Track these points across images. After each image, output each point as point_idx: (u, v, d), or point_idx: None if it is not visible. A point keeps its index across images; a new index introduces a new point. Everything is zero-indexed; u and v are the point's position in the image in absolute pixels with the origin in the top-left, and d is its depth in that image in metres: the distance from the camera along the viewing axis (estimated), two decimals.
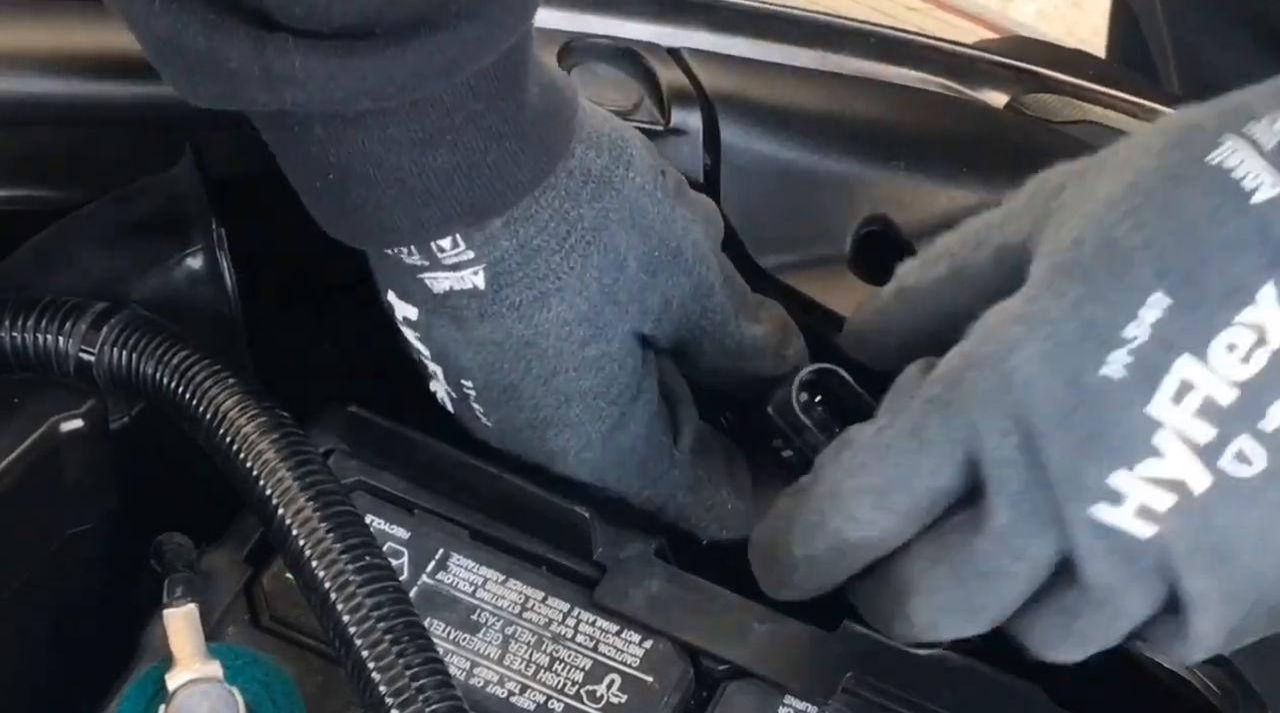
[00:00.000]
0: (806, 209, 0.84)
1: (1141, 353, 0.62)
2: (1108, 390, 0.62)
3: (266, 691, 0.72)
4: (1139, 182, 0.64)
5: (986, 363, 0.64)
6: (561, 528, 0.76)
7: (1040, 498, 0.63)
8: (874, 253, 0.85)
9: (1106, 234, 0.63)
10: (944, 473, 0.65)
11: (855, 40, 0.90)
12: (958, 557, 0.65)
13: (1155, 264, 0.62)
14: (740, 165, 0.83)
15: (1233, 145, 0.63)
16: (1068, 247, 0.64)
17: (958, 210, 0.85)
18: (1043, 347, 0.63)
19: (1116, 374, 0.62)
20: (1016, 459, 0.63)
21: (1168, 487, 0.63)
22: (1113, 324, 0.62)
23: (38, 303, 0.76)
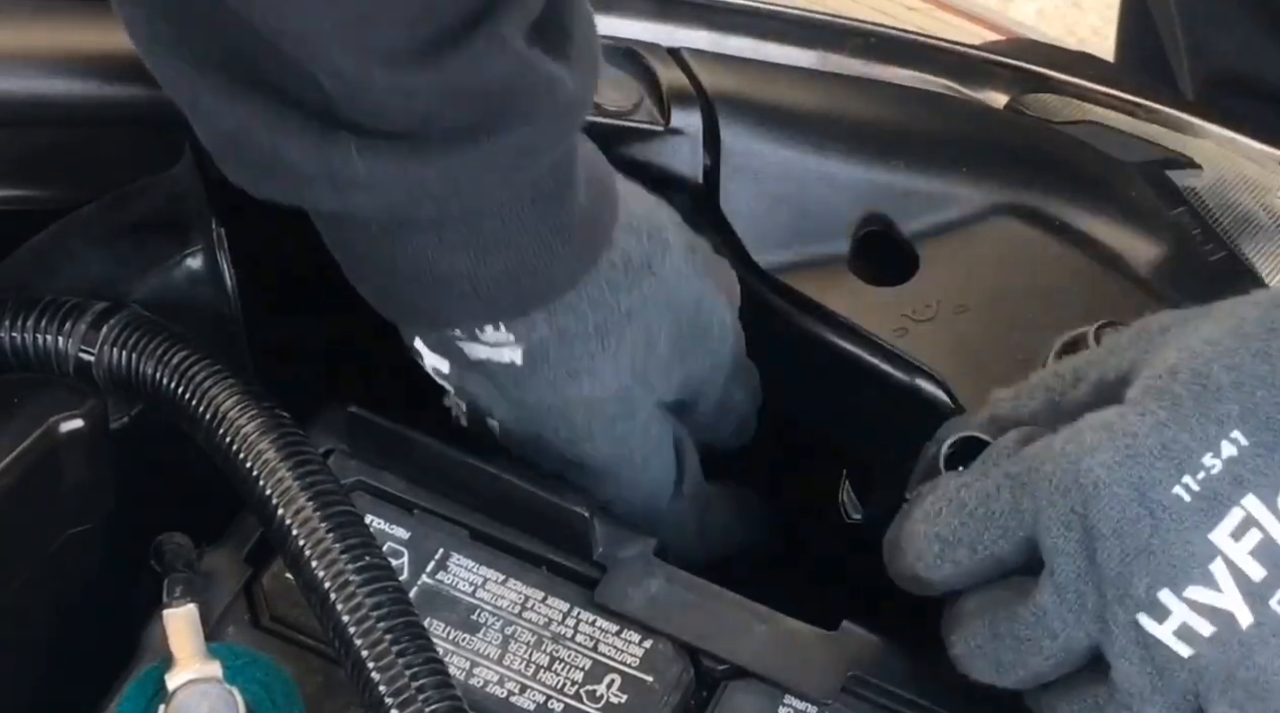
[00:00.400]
0: (806, 209, 0.84)
1: (1212, 483, 0.65)
2: (1174, 510, 0.65)
3: (266, 691, 0.72)
4: (1239, 327, 0.67)
5: (1063, 458, 0.67)
6: (561, 528, 0.76)
7: (1088, 593, 0.66)
8: (874, 253, 0.85)
9: (1201, 367, 0.66)
10: (1005, 544, 0.68)
11: (855, 40, 0.90)
12: (999, 614, 0.68)
13: (1242, 403, 0.65)
14: (740, 165, 0.83)
15: None
16: (1162, 373, 0.67)
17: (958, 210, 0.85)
18: (1119, 455, 0.66)
19: (1185, 497, 0.65)
20: (1073, 551, 0.66)
21: (1211, 615, 0.65)
22: (1191, 450, 0.65)
23: (38, 303, 0.76)
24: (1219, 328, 0.68)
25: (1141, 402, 0.67)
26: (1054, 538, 0.66)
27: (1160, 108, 0.97)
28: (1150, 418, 0.66)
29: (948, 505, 0.69)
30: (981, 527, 0.68)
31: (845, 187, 0.85)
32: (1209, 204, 0.88)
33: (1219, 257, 0.85)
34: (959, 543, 0.69)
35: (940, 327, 0.82)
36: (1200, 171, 0.91)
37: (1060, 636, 0.67)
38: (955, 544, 0.69)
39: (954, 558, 0.69)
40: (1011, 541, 0.68)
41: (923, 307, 0.82)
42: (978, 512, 0.68)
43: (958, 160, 0.87)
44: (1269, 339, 0.67)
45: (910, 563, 0.70)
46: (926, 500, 0.70)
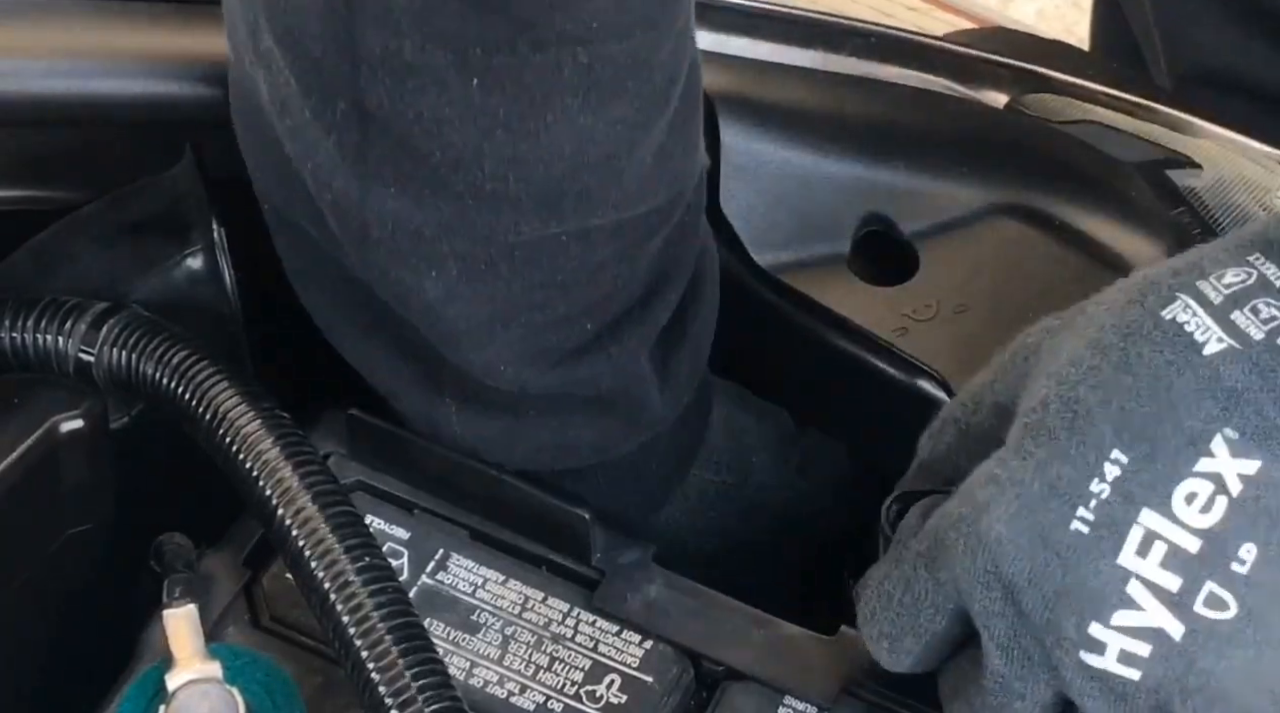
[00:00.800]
0: (806, 209, 0.84)
1: (1105, 508, 0.64)
2: (1077, 546, 0.64)
3: (266, 691, 0.72)
4: (1099, 338, 0.66)
5: (963, 523, 0.66)
6: (561, 532, 0.76)
7: (1029, 645, 0.66)
8: (874, 253, 0.85)
9: (1068, 393, 0.65)
10: (942, 621, 0.68)
11: (855, 40, 0.90)
12: (970, 690, 0.68)
13: (1114, 421, 0.64)
14: (740, 165, 0.83)
15: (1184, 300, 0.66)
16: (1035, 407, 0.66)
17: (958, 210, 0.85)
18: (1012, 507, 0.65)
19: (1084, 529, 0.64)
20: (1001, 610, 0.66)
21: (1144, 636, 0.64)
22: (1076, 482, 0.64)
23: (38, 303, 0.76)
24: (1080, 343, 0.67)
25: (1020, 445, 0.66)
26: (979, 601, 0.66)
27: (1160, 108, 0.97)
28: (1031, 460, 0.65)
29: (879, 602, 0.69)
30: (914, 612, 0.68)
31: (845, 187, 0.85)
32: (1209, 204, 0.88)
33: None
34: (903, 634, 0.69)
35: (940, 327, 0.82)
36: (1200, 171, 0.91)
37: (1027, 695, 0.66)
38: (900, 637, 0.69)
39: (905, 649, 0.69)
40: (946, 615, 0.68)
41: (923, 307, 0.82)
42: (905, 600, 0.68)
43: (958, 160, 0.87)
44: (1127, 346, 0.66)
45: (877, 658, 0.70)
46: (862, 600, 0.70)
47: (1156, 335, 0.65)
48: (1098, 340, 0.66)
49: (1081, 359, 0.66)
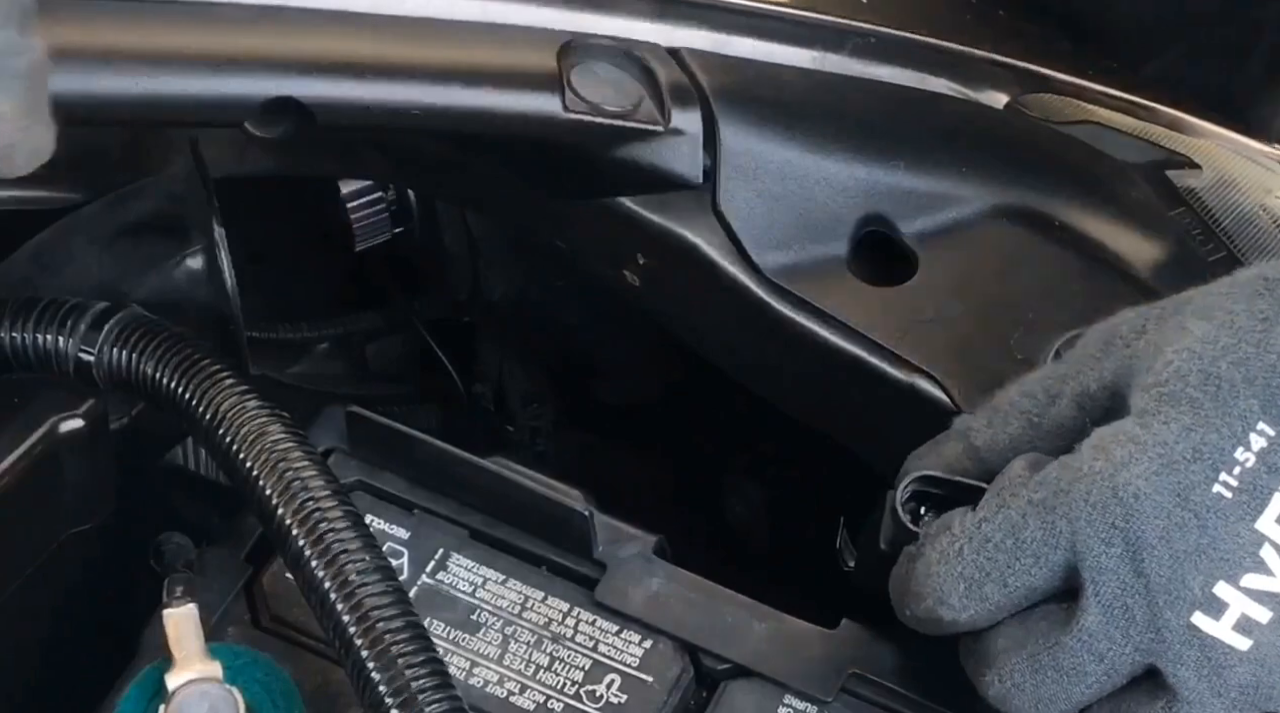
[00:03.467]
0: (806, 209, 0.84)
1: (1249, 476, 0.67)
2: (1217, 507, 0.66)
3: (266, 691, 0.72)
4: (1232, 321, 0.69)
5: (1097, 476, 0.67)
6: (561, 527, 0.76)
7: (1135, 606, 0.67)
8: (874, 253, 0.85)
9: (1208, 367, 0.68)
10: (1039, 573, 0.68)
11: (855, 40, 0.90)
12: (1040, 647, 0.68)
13: (1259, 396, 0.67)
14: (740, 165, 0.83)
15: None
16: (1170, 379, 0.68)
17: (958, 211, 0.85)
18: (1154, 465, 0.67)
19: (1226, 494, 0.67)
20: (1117, 568, 0.67)
21: (1268, 600, 0.66)
22: (1221, 448, 0.67)
23: (38, 303, 0.77)
24: (1210, 325, 0.69)
25: (1159, 410, 0.67)
26: (1096, 556, 0.67)
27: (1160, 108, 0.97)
28: (1175, 424, 0.67)
29: (969, 543, 0.69)
30: (1011, 558, 0.68)
31: (845, 187, 0.84)
32: (1209, 204, 0.88)
33: (1219, 257, 0.85)
34: (987, 579, 0.68)
35: (940, 327, 0.82)
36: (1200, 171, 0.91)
37: (1107, 658, 0.67)
38: (983, 581, 0.69)
39: (982, 595, 0.69)
40: (1046, 567, 0.68)
41: (923, 307, 0.82)
42: (1005, 544, 0.68)
43: (957, 161, 0.87)
44: (1265, 330, 0.68)
45: (930, 607, 0.70)
46: (940, 541, 0.70)
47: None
48: (1231, 322, 0.68)
49: (1215, 338, 0.68)
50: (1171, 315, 0.70)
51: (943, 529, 0.70)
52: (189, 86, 0.72)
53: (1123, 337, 0.71)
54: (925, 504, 0.73)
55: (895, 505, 0.72)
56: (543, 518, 0.76)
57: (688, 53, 0.85)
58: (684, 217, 0.82)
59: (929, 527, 0.71)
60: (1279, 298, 0.69)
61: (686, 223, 0.82)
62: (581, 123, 0.79)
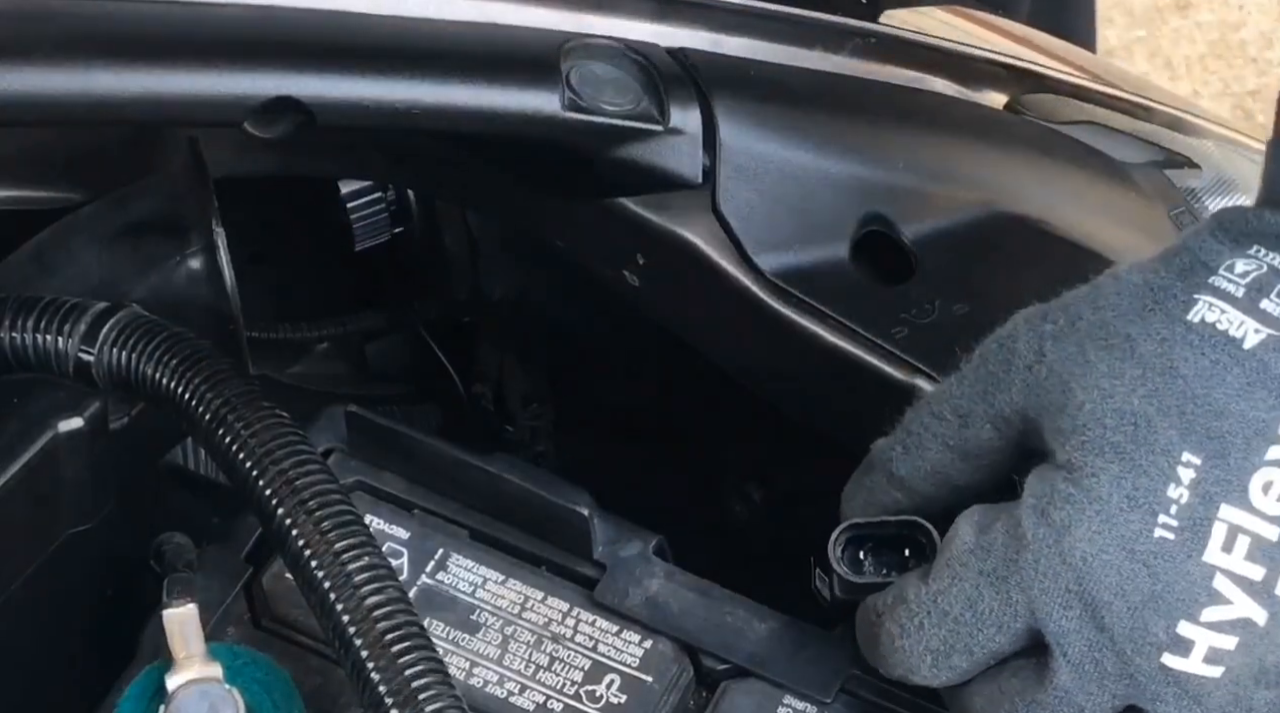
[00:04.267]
0: (806, 209, 0.84)
1: (1186, 511, 0.66)
2: (1162, 552, 0.66)
3: (266, 691, 0.72)
4: (1133, 350, 0.68)
5: (1040, 544, 0.67)
6: (561, 527, 0.76)
7: (1104, 659, 0.67)
8: (874, 253, 0.85)
9: (1121, 406, 0.67)
10: (1002, 639, 0.68)
11: (855, 40, 0.90)
12: (1017, 703, 0.69)
13: (1177, 426, 0.66)
14: (740, 165, 0.83)
15: (1207, 300, 0.67)
16: (1087, 424, 0.67)
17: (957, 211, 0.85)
18: (1094, 523, 0.66)
19: (1169, 535, 0.66)
20: (1079, 628, 0.67)
21: (1232, 629, 0.66)
22: (1154, 490, 0.66)
23: (38, 303, 0.76)
24: (1111, 356, 0.68)
25: (1085, 461, 0.67)
26: (1056, 621, 0.67)
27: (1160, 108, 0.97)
28: (1104, 475, 0.67)
29: (928, 618, 0.69)
30: (973, 629, 0.68)
31: (845, 187, 0.84)
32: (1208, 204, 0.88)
33: None
34: (953, 651, 0.69)
35: (940, 327, 0.82)
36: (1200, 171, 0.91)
37: (1088, 708, 0.67)
38: (949, 653, 0.69)
39: (950, 665, 0.69)
40: (1009, 634, 0.68)
41: (922, 307, 0.82)
42: (964, 617, 0.68)
43: (957, 161, 0.87)
44: (1167, 353, 0.67)
45: (902, 674, 0.70)
46: (898, 614, 0.70)
47: (1193, 339, 0.67)
48: (1131, 351, 0.68)
49: (1122, 371, 0.67)
50: (1067, 334, 0.69)
51: (899, 600, 0.70)
52: (189, 86, 0.72)
53: (1021, 357, 0.70)
54: (863, 548, 0.73)
55: (833, 563, 0.73)
56: (543, 518, 0.76)
57: (688, 53, 0.85)
58: (684, 217, 0.82)
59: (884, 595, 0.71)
60: (1169, 312, 0.68)
61: (686, 223, 0.82)
62: (581, 123, 0.79)
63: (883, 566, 0.73)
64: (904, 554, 0.73)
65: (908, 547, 0.73)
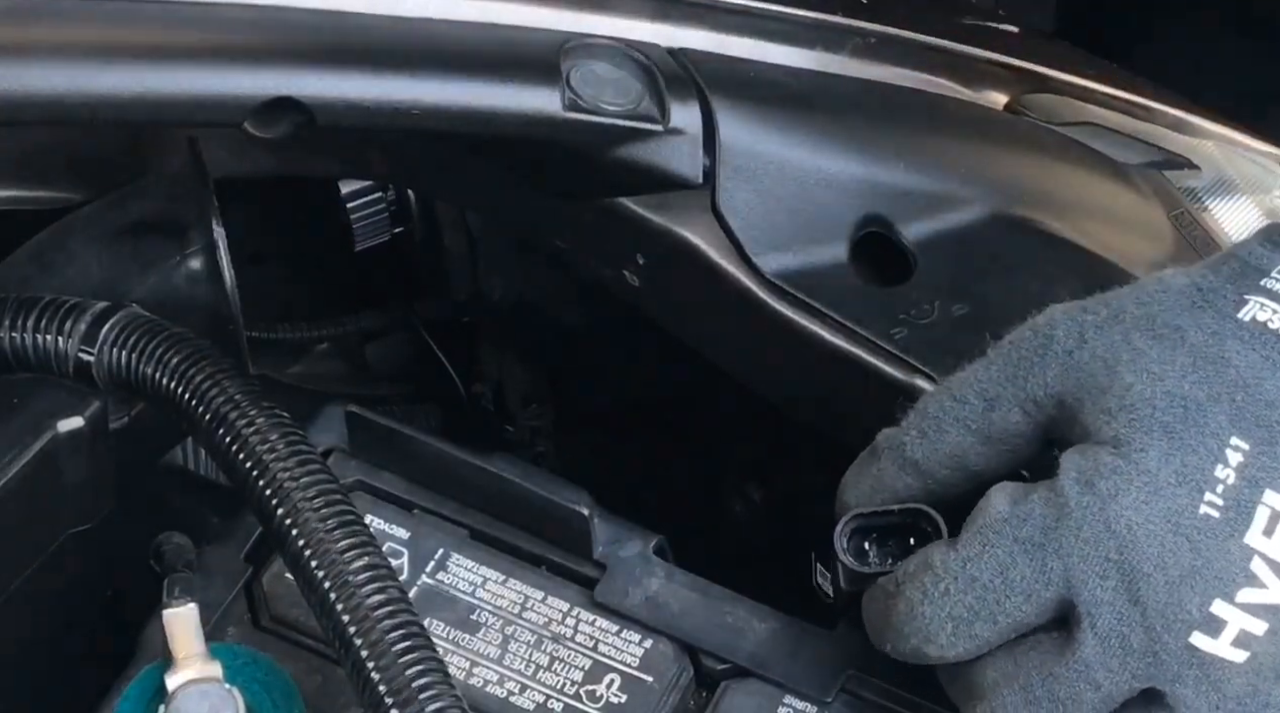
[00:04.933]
0: (806, 209, 0.84)
1: (1232, 492, 0.67)
2: (1206, 527, 0.67)
3: (266, 691, 0.72)
4: (1183, 339, 0.69)
5: (1087, 511, 0.67)
6: (561, 527, 0.76)
7: (1132, 634, 0.67)
8: (873, 254, 0.85)
9: (1173, 390, 0.68)
10: (1029, 609, 0.68)
11: (855, 40, 0.90)
12: (1033, 679, 0.69)
13: (1227, 413, 0.68)
14: (739, 165, 0.83)
15: (1258, 301, 0.70)
16: (1137, 404, 0.68)
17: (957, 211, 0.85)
18: (1142, 494, 0.67)
19: (1213, 514, 0.67)
20: (1113, 599, 0.67)
21: (1263, 613, 0.67)
22: (1202, 469, 0.67)
23: (38, 303, 0.76)
24: (1162, 345, 0.69)
25: (1134, 437, 0.68)
26: (1091, 590, 0.67)
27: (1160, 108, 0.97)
28: (1154, 450, 0.67)
29: (954, 583, 0.69)
30: (1001, 597, 0.68)
31: (845, 187, 0.84)
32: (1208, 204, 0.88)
33: None
34: (977, 618, 0.69)
35: (939, 327, 0.82)
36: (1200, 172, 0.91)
37: (1104, 686, 0.67)
38: (972, 620, 0.69)
39: (971, 634, 0.69)
40: (1037, 604, 0.68)
41: (922, 307, 0.82)
42: (994, 583, 0.68)
43: (957, 162, 0.87)
44: (1217, 345, 0.69)
45: (916, 645, 0.70)
46: (921, 580, 0.70)
47: (1244, 335, 0.69)
48: (1182, 340, 0.69)
49: (1172, 358, 0.69)
50: (1111, 324, 0.70)
51: (923, 568, 0.70)
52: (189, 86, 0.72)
53: (1060, 342, 0.71)
54: (867, 538, 0.73)
55: (839, 553, 0.72)
56: (543, 518, 0.76)
57: (688, 53, 0.85)
58: (684, 217, 0.82)
59: (906, 564, 0.71)
60: (1220, 310, 0.70)
61: (686, 223, 0.82)
62: (581, 123, 0.79)
63: (887, 555, 0.73)
64: (909, 543, 0.73)
65: (913, 536, 0.73)
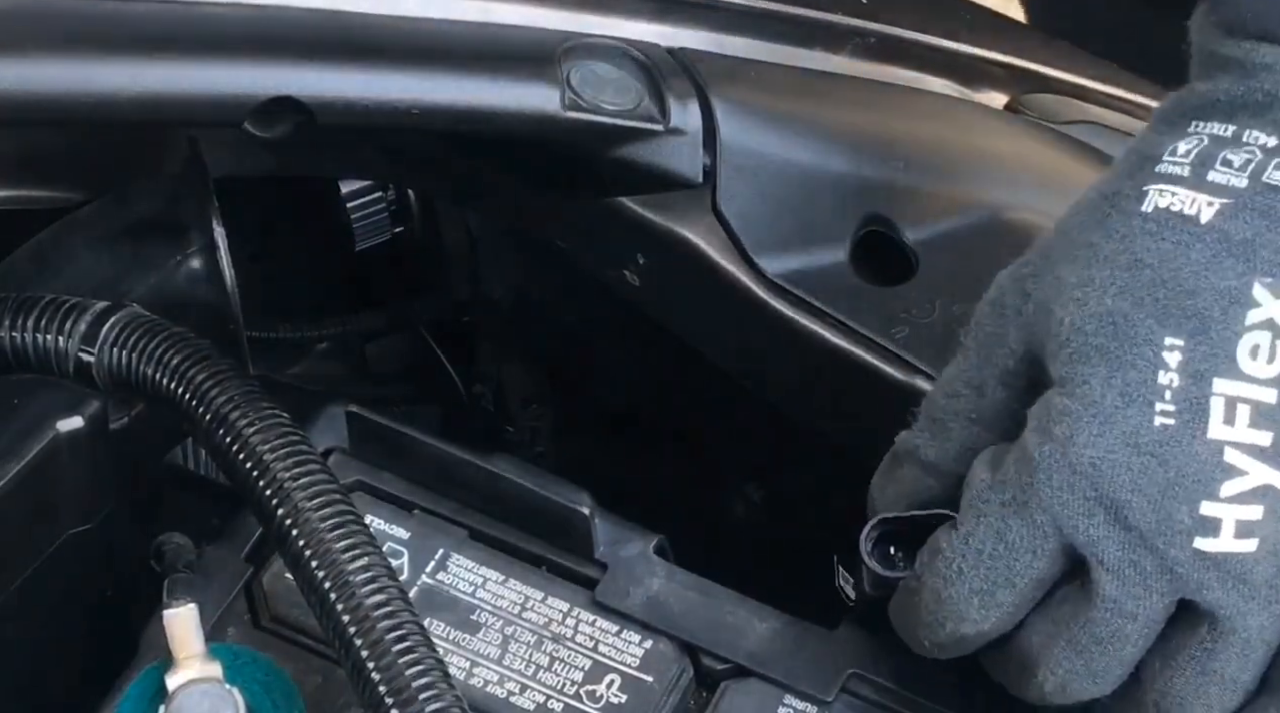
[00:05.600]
0: (806, 209, 0.84)
1: (1180, 393, 0.66)
2: (1165, 437, 0.66)
3: (266, 691, 0.72)
4: (1096, 254, 0.68)
5: (1050, 459, 0.67)
6: (561, 527, 0.76)
7: (1141, 557, 0.67)
8: (873, 254, 0.85)
9: (1095, 309, 0.68)
10: (1040, 563, 0.68)
11: (855, 40, 0.90)
12: (1073, 628, 0.69)
13: (1152, 314, 0.67)
14: (740, 165, 0.83)
15: (1156, 188, 0.69)
16: (1070, 337, 0.68)
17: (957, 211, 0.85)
18: (1094, 426, 0.67)
19: (1170, 421, 0.66)
20: (1108, 533, 0.67)
21: (1254, 497, 0.66)
22: (1144, 381, 0.67)
23: (38, 303, 0.76)
24: (1079, 267, 0.69)
25: (1074, 371, 0.67)
26: (1084, 531, 0.67)
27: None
28: (1095, 380, 0.67)
29: (964, 559, 0.69)
30: (1009, 560, 0.68)
31: (845, 187, 0.85)
32: None
33: None
34: (996, 586, 0.69)
35: (940, 327, 0.82)
36: None
37: (1139, 614, 0.67)
38: (993, 589, 0.69)
39: (996, 601, 0.69)
40: (1044, 556, 0.68)
41: (922, 307, 0.82)
42: (998, 550, 0.69)
43: (957, 162, 0.87)
44: (1128, 247, 0.68)
45: (953, 628, 0.70)
46: (937, 565, 0.70)
47: (1150, 227, 0.68)
48: (1095, 256, 0.68)
49: (1090, 278, 0.68)
50: (1044, 269, 0.70)
51: (934, 553, 0.70)
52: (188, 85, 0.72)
53: (1010, 306, 0.71)
54: (895, 543, 0.73)
55: (865, 558, 0.73)
56: (543, 518, 0.76)
57: (688, 53, 0.85)
58: (684, 217, 0.82)
59: (920, 555, 0.71)
60: (1124, 209, 0.69)
61: (686, 223, 0.82)
62: (581, 123, 0.79)
63: (912, 559, 0.73)
64: None
65: None
